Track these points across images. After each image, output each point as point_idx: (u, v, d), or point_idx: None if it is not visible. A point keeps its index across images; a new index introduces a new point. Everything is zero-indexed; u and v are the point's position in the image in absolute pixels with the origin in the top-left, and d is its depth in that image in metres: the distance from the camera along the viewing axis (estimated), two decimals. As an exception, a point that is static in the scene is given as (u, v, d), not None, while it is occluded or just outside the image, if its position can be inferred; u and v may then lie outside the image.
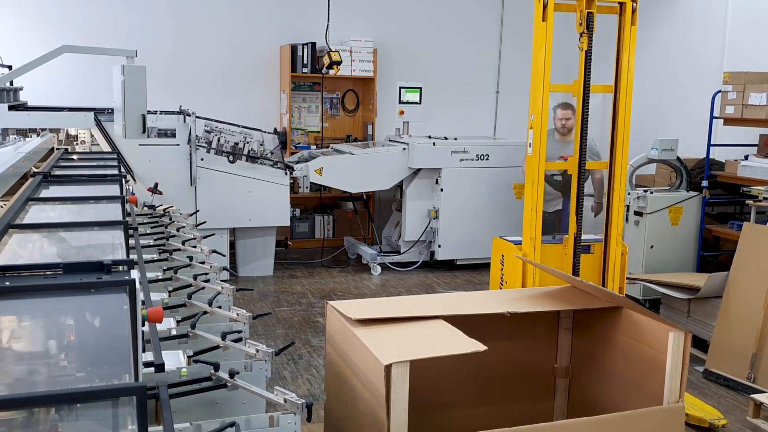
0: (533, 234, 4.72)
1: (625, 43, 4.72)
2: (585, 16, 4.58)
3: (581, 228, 4.76)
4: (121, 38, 6.92)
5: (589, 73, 4.67)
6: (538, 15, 4.55)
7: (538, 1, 4.56)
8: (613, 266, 4.83)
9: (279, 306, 6.21)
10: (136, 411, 1.44)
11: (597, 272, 4.91)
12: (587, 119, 4.69)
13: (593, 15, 4.58)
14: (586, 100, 4.67)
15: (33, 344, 1.77)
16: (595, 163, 5.32)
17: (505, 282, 5.03)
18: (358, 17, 8.44)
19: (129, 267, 1.90)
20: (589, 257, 4.86)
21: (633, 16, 4.71)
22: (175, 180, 6.44)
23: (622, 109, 4.74)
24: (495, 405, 3.14)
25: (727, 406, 4.40)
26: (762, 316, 4.55)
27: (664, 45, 7.95)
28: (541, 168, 4.71)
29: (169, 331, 2.92)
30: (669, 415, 2.54)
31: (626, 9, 4.69)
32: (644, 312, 2.78)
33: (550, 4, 4.51)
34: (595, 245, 4.92)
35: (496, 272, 5.17)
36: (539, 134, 4.66)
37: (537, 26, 4.58)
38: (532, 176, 4.73)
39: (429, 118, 7.92)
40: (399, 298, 3.47)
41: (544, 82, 4.60)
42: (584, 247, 4.86)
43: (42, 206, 3.08)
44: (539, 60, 4.61)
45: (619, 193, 4.79)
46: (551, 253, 4.82)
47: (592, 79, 4.71)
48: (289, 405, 2.38)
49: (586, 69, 4.67)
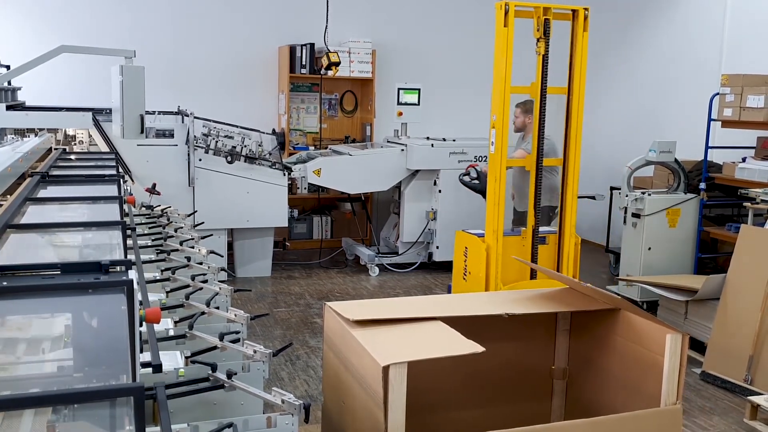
0: (496, 227, 5.09)
1: (578, 48, 5.08)
2: (542, 22, 4.94)
3: (539, 221, 5.19)
4: (119, 38, 6.91)
5: (546, 75, 5.02)
6: (500, 21, 4.90)
7: (499, 8, 4.90)
8: (567, 256, 5.28)
9: (277, 307, 6.21)
10: (134, 411, 1.43)
11: (552, 261, 5.35)
12: (545, 119, 5.03)
13: (549, 21, 4.94)
14: (544, 102, 5.02)
15: (30, 344, 1.76)
16: (551, 160, 5.53)
17: (468, 273, 5.40)
18: (357, 18, 8.44)
19: (127, 267, 1.89)
20: (545, 248, 5.31)
21: (585, 23, 5.06)
22: (173, 180, 6.44)
23: (575, 109, 5.10)
24: (492, 406, 3.14)
25: (724, 408, 4.41)
26: (759, 318, 4.56)
27: (662, 47, 7.97)
28: (503, 165, 5.04)
29: (167, 332, 2.92)
30: (666, 417, 2.54)
31: (578, 16, 5.07)
32: (642, 314, 2.78)
33: (510, 11, 4.86)
34: (550, 237, 5.37)
35: (459, 263, 5.53)
36: (501, 133, 4.99)
37: (498, 32, 4.92)
38: (495, 173, 5.07)
39: (427, 119, 7.92)
40: (397, 299, 3.48)
41: (506, 85, 4.92)
42: (541, 238, 5.31)
43: (40, 206, 3.07)
44: (501, 63, 4.93)
45: (572, 188, 5.21)
46: (512, 244, 5.25)
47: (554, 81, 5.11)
48: (286, 406, 2.38)
49: (543, 72, 5.01)
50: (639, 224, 6.23)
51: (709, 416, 4.31)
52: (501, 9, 4.87)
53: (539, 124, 5.07)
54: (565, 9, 5.05)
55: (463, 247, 5.47)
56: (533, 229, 5.22)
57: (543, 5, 4.98)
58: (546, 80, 5.04)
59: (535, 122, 5.11)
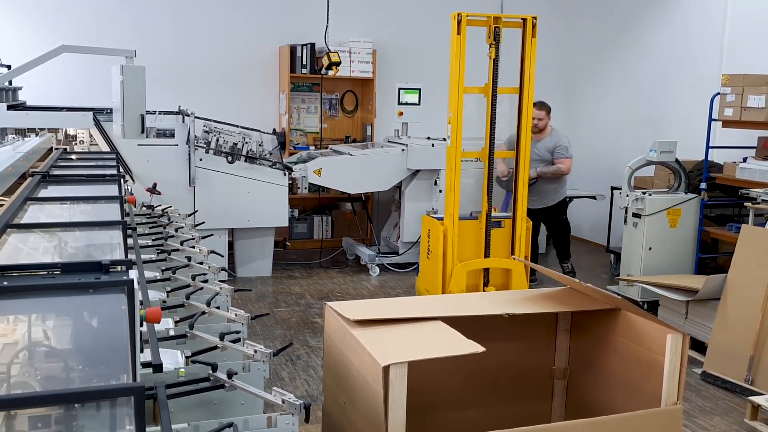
0: (452, 211, 5.71)
1: (527, 52, 5.62)
2: (493, 30, 5.50)
3: (491, 206, 5.79)
4: (120, 38, 6.91)
5: (496, 77, 5.58)
6: (454, 29, 5.43)
7: (453, 18, 5.42)
8: (519, 238, 5.86)
9: (277, 307, 6.21)
10: (134, 411, 1.44)
11: (507, 244, 5.92)
12: (495, 115, 5.63)
13: (500, 29, 5.50)
14: (494, 100, 5.60)
15: (31, 344, 1.77)
16: (502, 153, 6.23)
17: (430, 252, 6.00)
18: (358, 18, 8.44)
19: (127, 267, 1.89)
20: (500, 231, 5.91)
21: (533, 30, 5.57)
22: (173, 180, 6.44)
23: (525, 106, 5.68)
24: (493, 406, 3.14)
25: (724, 408, 4.41)
26: (760, 319, 4.56)
27: (663, 47, 7.96)
28: (458, 157, 5.64)
29: (167, 332, 2.92)
30: (667, 418, 2.54)
31: (528, 24, 5.59)
32: (642, 314, 2.78)
33: (463, 21, 5.44)
34: (506, 221, 5.93)
35: (424, 244, 6.16)
36: (455, 128, 5.60)
37: (453, 39, 5.46)
38: (450, 164, 5.69)
39: (428, 119, 7.91)
40: (397, 299, 3.48)
41: (459, 85, 5.48)
42: (496, 222, 5.88)
43: (40, 206, 3.08)
44: (455, 67, 5.48)
45: (523, 177, 5.80)
46: (468, 227, 5.85)
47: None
48: (287, 406, 2.38)
49: (494, 73, 5.58)
50: (640, 224, 6.23)
51: (709, 416, 4.31)
52: (455, 19, 5.43)
53: (491, 119, 5.64)
54: (515, 18, 5.63)
55: (427, 230, 6.09)
56: (486, 213, 5.80)
57: (494, 15, 5.56)
58: (496, 81, 5.58)
59: (488, 117, 5.66)
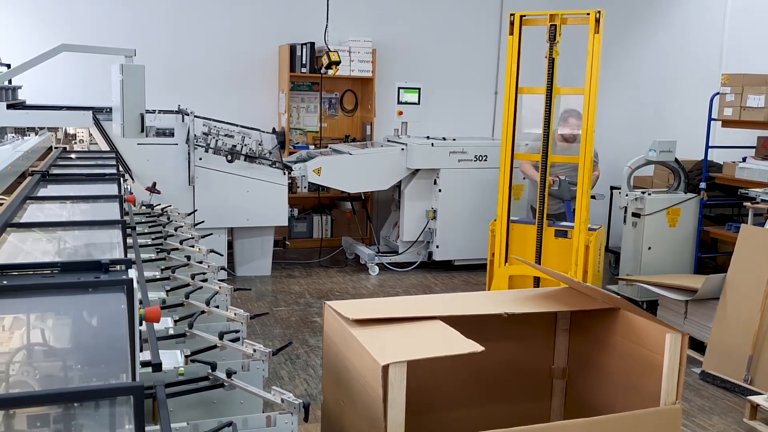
0: (501, 213, 5.71)
1: (591, 49, 5.41)
2: (550, 28, 5.38)
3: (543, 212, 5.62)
4: (120, 37, 6.90)
5: (552, 77, 5.43)
6: (517, 29, 5.47)
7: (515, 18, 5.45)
8: (576, 251, 5.55)
9: (277, 306, 6.21)
10: (133, 410, 1.44)
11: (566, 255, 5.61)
12: (551, 117, 5.48)
13: (557, 28, 5.36)
14: (549, 101, 5.47)
15: (30, 343, 1.76)
16: (563, 157, 5.85)
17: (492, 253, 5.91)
18: (357, 17, 8.44)
19: (127, 266, 1.90)
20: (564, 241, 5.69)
21: (597, 26, 5.33)
22: (173, 179, 6.44)
23: (588, 107, 5.44)
24: (492, 406, 3.14)
25: (723, 408, 4.41)
26: (759, 318, 4.56)
27: (663, 47, 7.96)
28: (507, 159, 5.64)
29: (167, 331, 2.92)
30: (666, 417, 2.55)
31: (591, 18, 5.37)
32: (641, 313, 2.79)
33: (516, 21, 5.45)
34: (572, 231, 5.62)
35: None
36: (506, 129, 5.61)
37: (508, 39, 5.53)
38: (501, 164, 5.72)
39: (427, 118, 7.92)
40: (397, 298, 3.48)
41: (511, 85, 5.53)
42: (562, 232, 5.68)
43: (40, 205, 3.08)
44: (509, 67, 5.55)
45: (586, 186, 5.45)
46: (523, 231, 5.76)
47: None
48: (286, 405, 2.38)
49: (549, 73, 5.43)
50: (639, 224, 6.23)
51: (708, 416, 4.31)
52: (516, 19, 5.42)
53: (545, 122, 5.50)
54: (579, 13, 5.39)
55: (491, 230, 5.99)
56: (538, 219, 5.66)
57: (551, 12, 5.38)
58: (552, 82, 5.39)
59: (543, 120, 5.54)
